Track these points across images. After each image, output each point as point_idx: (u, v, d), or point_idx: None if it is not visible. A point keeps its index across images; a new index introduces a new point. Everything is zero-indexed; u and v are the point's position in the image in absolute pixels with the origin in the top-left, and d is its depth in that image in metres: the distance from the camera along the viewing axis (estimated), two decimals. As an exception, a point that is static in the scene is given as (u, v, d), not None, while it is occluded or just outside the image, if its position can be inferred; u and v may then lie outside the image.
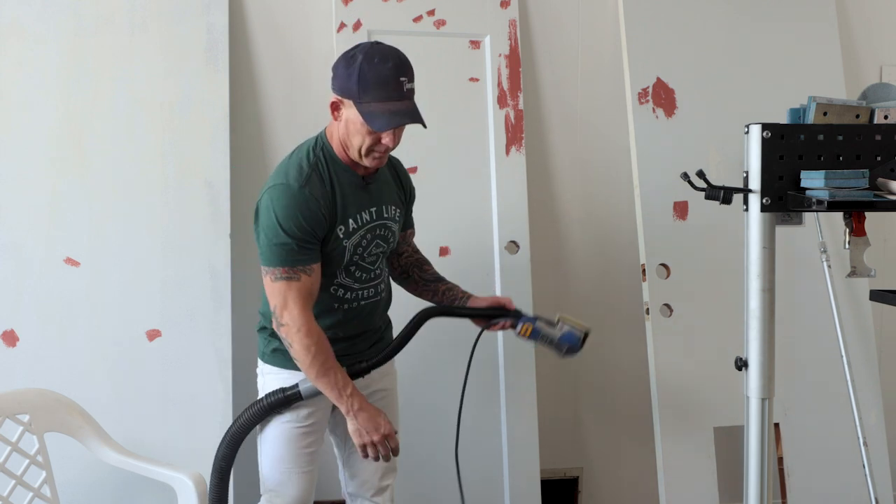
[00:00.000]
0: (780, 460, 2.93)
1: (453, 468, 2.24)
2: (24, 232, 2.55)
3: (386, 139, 1.94)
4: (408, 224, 2.30)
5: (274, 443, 2.13)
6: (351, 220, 2.03)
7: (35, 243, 2.56)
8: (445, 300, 2.26)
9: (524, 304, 2.87)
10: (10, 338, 2.53)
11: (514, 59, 2.91)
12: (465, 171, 2.84)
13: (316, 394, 2.04)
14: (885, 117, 1.79)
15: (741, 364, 1.77)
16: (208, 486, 2.17)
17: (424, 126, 1.95)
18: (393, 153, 2.11)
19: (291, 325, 1.95)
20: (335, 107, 1.98)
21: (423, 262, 2.34)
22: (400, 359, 2.24)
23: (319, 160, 2.00)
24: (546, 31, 3.04)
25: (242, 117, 2.81)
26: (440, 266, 2.36)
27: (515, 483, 2.82)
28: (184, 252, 2.63)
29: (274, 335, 2.07)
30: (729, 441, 2.91)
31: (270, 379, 2.14)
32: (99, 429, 2.31)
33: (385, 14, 2.80)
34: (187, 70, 2.67)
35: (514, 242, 2.88)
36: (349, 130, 1.96)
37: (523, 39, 2.97)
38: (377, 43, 1.99)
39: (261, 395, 2.15)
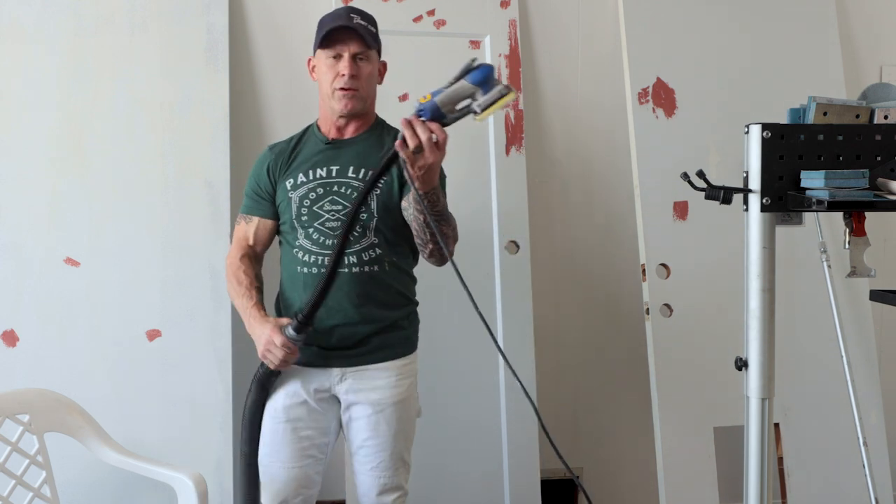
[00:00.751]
0: (780, 460, 2.93)
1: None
2: (24, 232, 2.55)
3: (342, 68, 2.06)
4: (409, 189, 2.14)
5: (264, 436, 2.13)
6: (301, 175, 2.13)
7: (35, 243, 2.56)
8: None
9: (524, 304, 2.88)
10: (10, 338, 2.53)
11: (514, 59, 2.91)
12: (465, 171, 2.84)
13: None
14: (885, 117, 1.79)
15: (741, 364, 1.77)
16: (235, 472, 2.17)
17: (369, 46, 2.08)
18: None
19: (226, 260, 2.23)
20: (311, 68, 2.18)
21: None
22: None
23: (303, 130, 2.23)
24: (546, 31, 3.04)
25: (242, 117, 2.81)
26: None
27: (515, 483, 2.82)
28: (184, 252, 2.63)
29: None
30: (729, 441, 2.90)
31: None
32: (99, 429, 2.31)
33: (385, 14, 2.80)
34: (187, 70, 2.68)
35: (514, 242, 2.87)
36: (320, 79, 2.13)
37: (523, 39, 2.97)
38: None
39: None
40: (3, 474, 2.21)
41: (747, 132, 1.72)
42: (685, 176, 1.74)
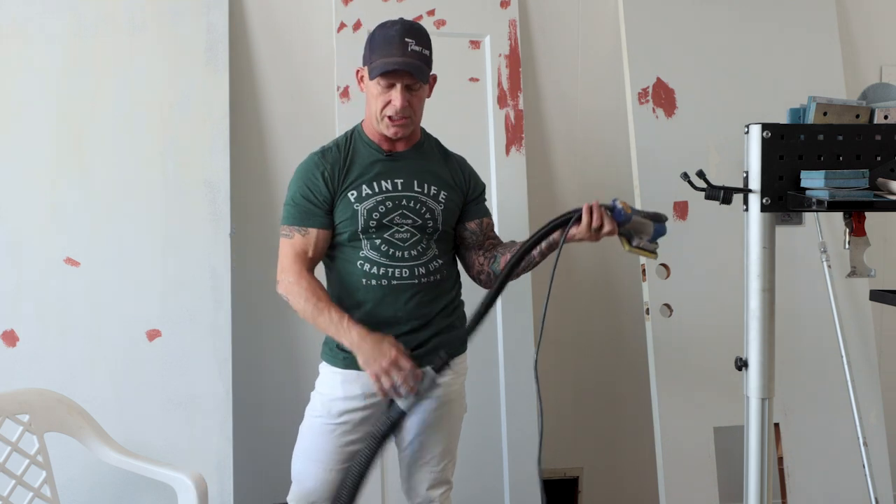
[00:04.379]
0: (780, 460, 2.93)
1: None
2: (24, 232, 2.55)
3: (395, 99, 2.01)
4: (482, 212, 2.25)
5: (303, 434, 2.15)
6: (365, 186, 2.09)
7: (35, 243, 2.56)
8: (510, 251, 2.16)
9: (524, 304, 2.88)
10: (10, 338, 2.53)
11: (514, 59, 2.91)
12: (465, 171, 2.84)
13: (418, 404, 2.01)
14: (885, 117, 1.79)
15: (741, 364, 1.77)
16: None
17: (422, 81, 2.04)
18: (459, 153, 2.27)
19: (284, 277, 2.09)
20: (360, 77, 2.13)
21: (496, 246, 2.25)
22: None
23: (347, 137, 2.16)
24: (546, 31, 3.04)
25: (242, 117, 2.81)
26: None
27: (515, 483, 2.82)
28: (184, 252, 2.63)
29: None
30: (729, 441, 2.90)
31: (321, 373, 2.17)
32: (99, 429, 2.31)
33: (385, 14, 2.78)
34: (187, 70, 2.68)
35: (513, 242, 2.87)
36: (368, 97, 2.09)
37: (523, 39, 2.97)
38: (401, 18, 2.11)
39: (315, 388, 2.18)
40: (3, 474, 2.21)
41: (747, 132, 1.72)
42: (685, 176, 1.74)
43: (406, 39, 2.02)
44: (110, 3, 2.64)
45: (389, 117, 2.05)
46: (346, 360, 2.08)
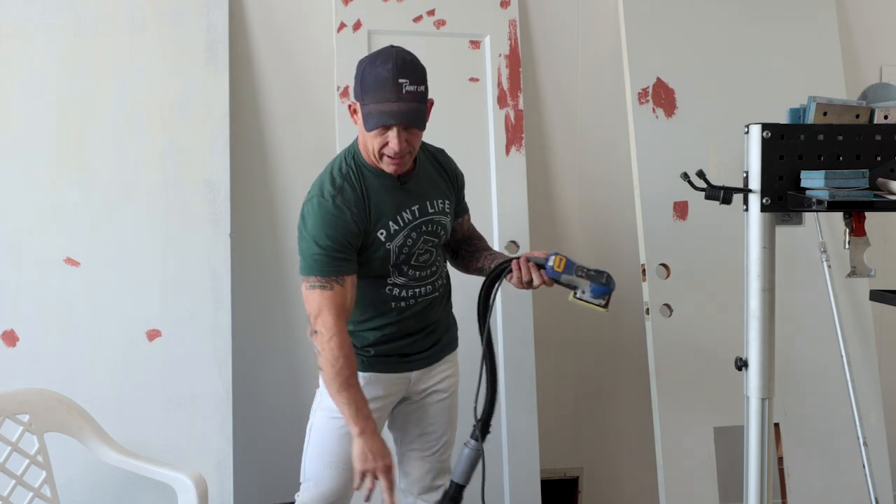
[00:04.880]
0: (780, 460, 2.93)
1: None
2: (24, 232, 2.55)
3: (392, 142, 1.93)
4: (461, 211, 2.28)
5: (322, 436, 2.14)
6: (391, 223, 2.03)
7: (35, 243, 2.56)
8: (486, 264, 2.20)
9: (524, 305, 2.88)
10: (10, 338, 2.53)
11: (514, 59, 2.91)
12: (465, 171, 2.82)
13: (471, 474, 2.08)
14: (885, 117, 1.79)
15: (741, 364, 1.77)
16: None
17: (419, 128, 1.96)
18: (437, 144, 2.21)
19: (324, 333, 1.97)
20: (352, 111, 2.01)
21: (472, 238, 2.33)
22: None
23: (351, 168, 2.03)
24: (546, 31, 3.04)
25: (242, 117, 2.81)
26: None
27: (515, 483, 2.82)
28: (184, 252, 2.63)
29: None
30: (729, 441, 2.91)
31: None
32: (99, 429, 2.31)
33: (385, 14, 2.80)
34: (187, 70, 2.67)
35: (513, 242, 2.87)
36: (362, 134, 2.00)
37: (523, 39, 2.97)
38: (393, 46, 1.98)
39: (320, 387, 2.15)
40: (3, 474, 2.21)
41: (747, 132, 1.72)
42: (685, 176, 1.75)
43: (400, 81, 1.89)
44: (110, 3, 2.64)
45: (388, 156, 1.97)
46: (365, 362, 2.10)
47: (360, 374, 2.07)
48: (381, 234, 2.02)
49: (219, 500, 2.55)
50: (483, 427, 2.11)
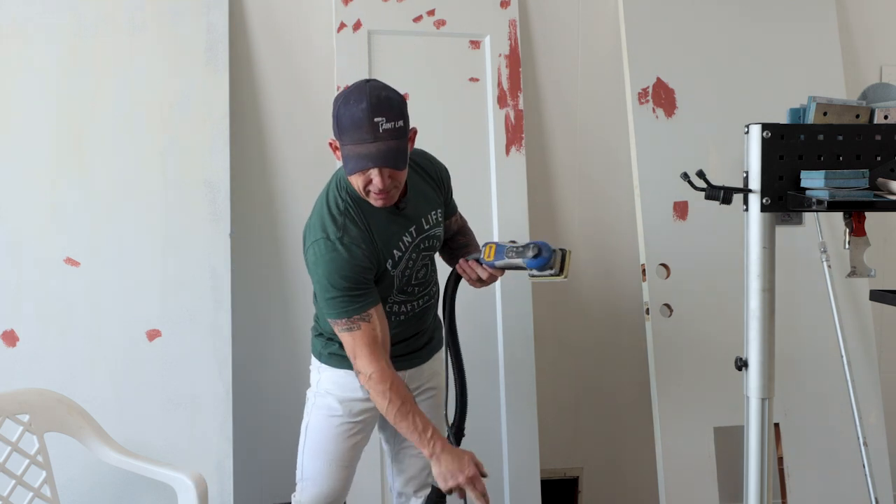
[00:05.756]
0: (780, 460, 2.93)
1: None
2: (24, 232, 2.55)
3: (375, 180, 1.88)
4: (451, 210, 2.28)
5: (319, 435, 2.15)
6: (395, 251, 2.03)
7: (35, 243, 2.56)
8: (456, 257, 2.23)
9: (524, 304, 2.88)
10: (10, 338, 2.53)
11: (514, 59, 2.91)
12: (465, 171, 2.84)
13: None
14: (885, 117, 1.79)
15: (741, 364, 1.77)
16: None
17: (400, 168, 1.89)
18: (438, 144, 2.23)
19: (363, 372, 1.97)
20: (333, 148, 1.97)
21: (457, 234, 2.33)
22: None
23: (348, 204, 1.99)
24: (546, 31, 3.04)
25: (242, 117, 2.81)
26: (439, 267, 2.36)
27: (515, 483, 2.82)
28: (184, 252, 2.63)
29: (332, 339, 2.11)
30: (729, 441, 2.91)
31: (326, 376, 2.17)
32: (99, 429, 2.31)
33: (385, 14, 2.81)
34: (187, 70, 2.67)
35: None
36: (347, 171, 1.92)
37: (523, 39, 2.97)
38: (368, 81, 1.94)
39: (313, 386, 2.19)
40: (3, 474, 2.21)
41: (747, 132, 1.72)
42: (685, 176, 1.74)
43: (375, 120, 1.83)
44: (110, 3, 2.64)
45: (374, 193, 1.92)
46: None
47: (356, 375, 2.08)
48: (389, 263, 2.03)
49: (219, 500, 2.55)
50: (457, 432, 2.14)
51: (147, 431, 2.55)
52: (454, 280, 2.20)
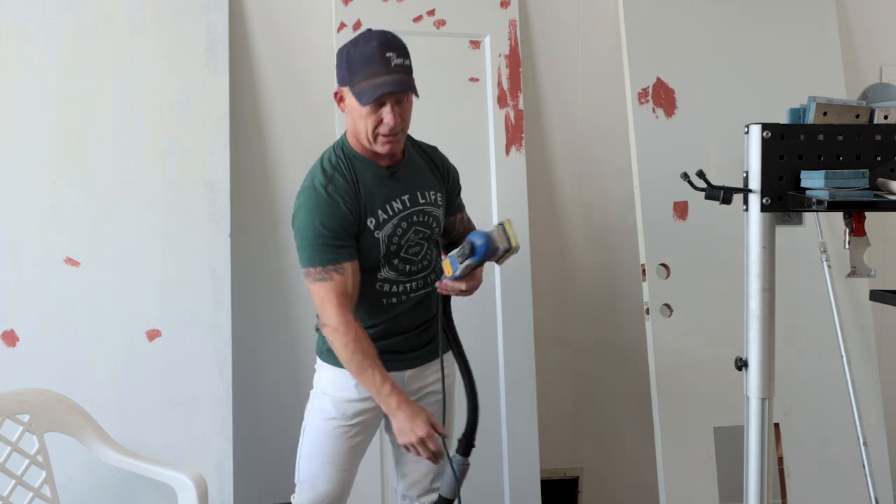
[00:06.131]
0: (780, 460, 2.93)
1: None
2: (24, 232, 2.55)
3: (387, 118, 1.94)
4: (457, 208, 2.28)
5: (316, 437, 2.14)
6: (380, 211, 2.04)
7: (35, 243, 2.56)
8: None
9: (524, 304, 2.88)
10: (10, 338, 2.53)
11: (514, 59, 2.91)
12: (465, 171, 2.82)
13: (459, 485, 2.08)
14: (885, 117, 1.79)
15: (741, 364, 1.77)
16: None
17: (416, 95, 1.98)
18: (438, 144, 2.22)
19: (329, 324, 2.00)
20: (339, 98, 2.03)
21: (462, 234, 2.28)
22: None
23: (341, 159, 2.05)
24: (546, 31, 3.04)
25: (242, 117, 2.81)
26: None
27: (515, 483, 2.82)
28: (184, 252, 2.63)
29: None
30: (729, 441, 2.90)
31: (326, 375, 2.16)
32: (99, 429, 2.31)
33: (385, 14, 2.80)
34: (187, 70, 2.67)
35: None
36: (354, 118, 2.00)
37: (523, 39, 2.97)
38: (370, 29, 2.01)
39: (314, 387, 2.18)
40: (3, 474, 2.21)
41: (747, 132, 1.72)
42: (685, 176, 1.74)
43: (387, 55, 1.92)
44: (110, 3, 2.64)
45: (383, 135, 1.98)
46: None
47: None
48: (371, 222, 2.03)
49: (219, 500, 2.55)
50: (467, 442, 2.12)
51: (147, 431, 2.55)
52: (443, 299, 2.14)
